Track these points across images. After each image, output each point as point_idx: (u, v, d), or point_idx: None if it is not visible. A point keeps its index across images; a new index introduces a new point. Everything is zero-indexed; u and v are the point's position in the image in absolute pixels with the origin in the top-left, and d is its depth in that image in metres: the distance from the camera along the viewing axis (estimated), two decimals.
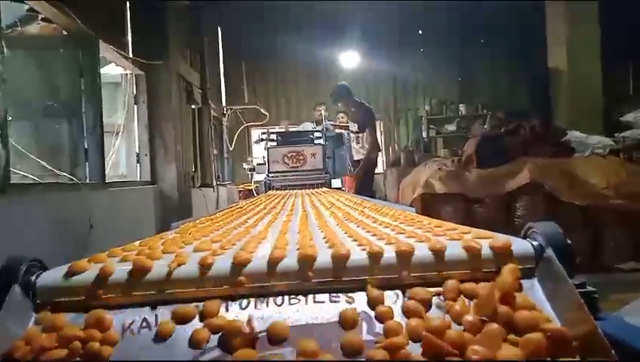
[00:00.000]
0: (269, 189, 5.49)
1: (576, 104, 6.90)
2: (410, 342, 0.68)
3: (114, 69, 4.77)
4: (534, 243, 0.82)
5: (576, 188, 3.97)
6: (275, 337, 0.70)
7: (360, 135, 6.51)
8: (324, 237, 1.06)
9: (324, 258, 0.81)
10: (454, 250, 0.81)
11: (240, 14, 8.82)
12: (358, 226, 1.27)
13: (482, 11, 9.29)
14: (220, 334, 0.71)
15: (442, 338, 0.66)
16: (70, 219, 2.99)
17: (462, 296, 0.75)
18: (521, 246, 0.82)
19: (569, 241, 0.79)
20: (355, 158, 6.62)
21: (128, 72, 4.72)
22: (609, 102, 7.04)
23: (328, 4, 8.77)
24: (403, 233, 1.06)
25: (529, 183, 4.04)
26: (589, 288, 0.74)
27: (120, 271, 0.80)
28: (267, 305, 0.76)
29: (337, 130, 7.32)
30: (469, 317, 0.70)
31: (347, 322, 0.73)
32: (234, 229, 1.36)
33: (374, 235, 1.05)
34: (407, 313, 0.73)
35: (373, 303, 0.75)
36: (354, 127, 6.56)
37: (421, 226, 1.16)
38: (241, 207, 2.30)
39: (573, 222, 3.92)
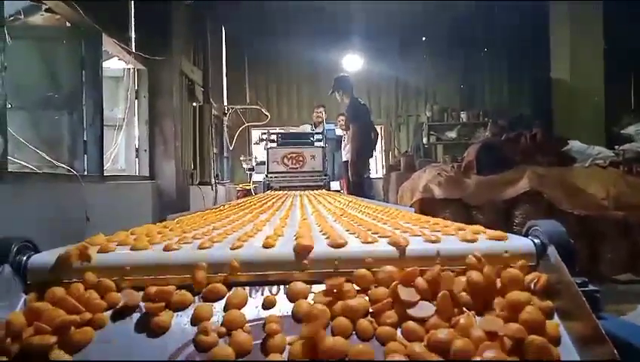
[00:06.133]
0: (268, 189, 5.49)
1: (577, 115, 6.90)
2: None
3: (116, 63, 4.76)
4: (536, 240, 0.80)
5: (575, 197, 3.96)
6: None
7: (345, 133, 6.16)
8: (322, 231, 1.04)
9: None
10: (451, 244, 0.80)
11: (245, 15, 8.81)
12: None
13: (487, 20, 9.31)
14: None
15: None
16: (66, 211, 2.97)
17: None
18: (522, 243, 0.80)
19: (571, 240, 0.78)
20: (344, 159, 6.49)
21: (130, 66, 4.71)
22: (611, 114, 7.03)
23: (333, 7, 8.76)
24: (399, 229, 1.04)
25: (528, 191, 4.03)
26: (592, 287, 0.73)
27: (115, 255, 0.79)
28: (262, 293, 0.75)
29: (338, 133, 7.31)
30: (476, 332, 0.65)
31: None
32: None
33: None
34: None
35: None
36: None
37: (420, 223, 1.15)
38: (221, 210, 1.97)
39: (571, 232, 3.90)
